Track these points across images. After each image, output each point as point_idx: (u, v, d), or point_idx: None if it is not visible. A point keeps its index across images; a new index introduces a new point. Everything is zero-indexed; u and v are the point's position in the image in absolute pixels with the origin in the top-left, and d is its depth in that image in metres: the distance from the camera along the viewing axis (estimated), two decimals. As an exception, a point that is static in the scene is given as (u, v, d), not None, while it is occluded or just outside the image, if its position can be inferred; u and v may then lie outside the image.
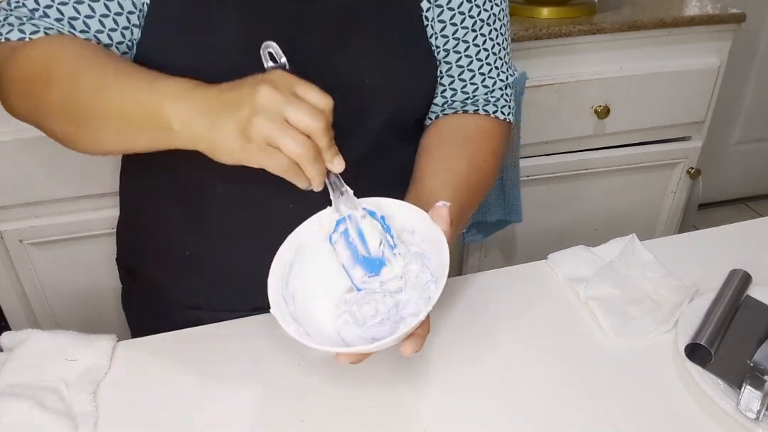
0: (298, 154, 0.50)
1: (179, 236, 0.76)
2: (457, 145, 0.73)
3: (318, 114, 0.50)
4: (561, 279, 0.78)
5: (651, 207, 1.67)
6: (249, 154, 0.51)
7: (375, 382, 0.64)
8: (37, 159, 1.19)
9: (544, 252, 0.82)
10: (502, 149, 0.77)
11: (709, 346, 0.63)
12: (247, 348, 0.69)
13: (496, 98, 0.76)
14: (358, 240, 0.58)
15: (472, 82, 0.75)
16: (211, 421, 0.60)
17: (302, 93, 0.50)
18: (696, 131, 1.58)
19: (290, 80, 0.51)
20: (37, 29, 0.60)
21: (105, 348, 0.67)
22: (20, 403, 0.58)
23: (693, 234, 0.89)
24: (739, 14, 1.42)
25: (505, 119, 0.77)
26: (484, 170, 0.73)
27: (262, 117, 0.49)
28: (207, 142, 0.52)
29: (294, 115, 0.49)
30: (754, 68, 2.05)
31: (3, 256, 1.28)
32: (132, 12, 0.63)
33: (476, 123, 0.75)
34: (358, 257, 0.58)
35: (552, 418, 0.60)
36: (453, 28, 0.72)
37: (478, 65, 0.75)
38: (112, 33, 0.63)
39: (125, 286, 0.87)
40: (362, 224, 0.57)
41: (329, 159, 0.53)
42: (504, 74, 0.77)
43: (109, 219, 1.28)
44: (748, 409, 0.58)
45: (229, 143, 0.51)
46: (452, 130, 0.75)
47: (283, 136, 0.49)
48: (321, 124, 0.50)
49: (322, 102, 0.51)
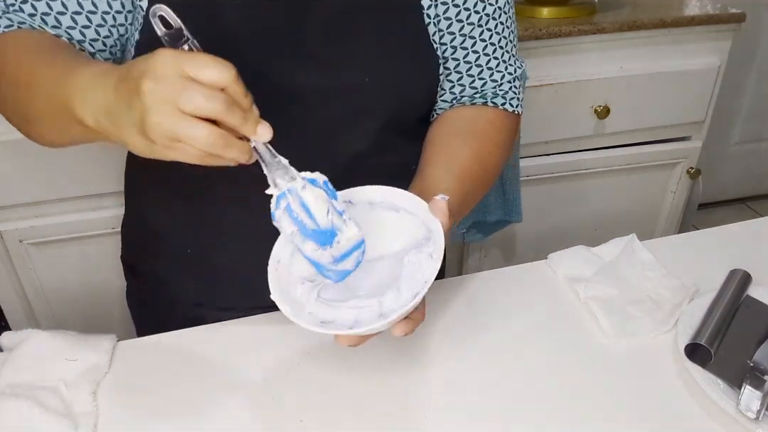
0: (206, 144, 0.44)
1: (181, 234, 0.76)
2: (462, 136, 0.73)
3: (213, 94, 0.44)
4: (561, 279, 0.78)
5: (651, 207, 1.67)
6: (157, 153, 0.46)
7: (375, 382, 0.64)
8: (37, 159, 1.19)
9: (544, 252, 0.82)
10: (508, 142, 0.78)
11: (709, 346, 0.63)
12: (247, 348, 0.69)
13: (505, 91, 0.77)
14: (304, 213, 0.53)
15: (480, 77, 0.75)
16: (211, 421, 0.60)
17: (193, 72, 0.44)
18: (696, 131, 1.58)
19: (177, 62, 0.44)
20: (11, 23, 0.60)
21: (105, 348, 0.67)
22: (20, 403, 0.58)
23: (693, 234, 0.89)
24: (739, 14, 1.43)
25: (513, 111, 0.77)
26: (488, 162, 0.73)
27: (153, 116, 0.43)
28: (120, 141, 0.48)
29: (186, 104, 0.43)
30: (754, 68, 2.05)
31: (3, 256, 1.28)
32: (107, 12, 0.62)
33: (483, 115, 0.76)
34: (308, 232, 0.53)
35: (552, 418, 0.60)
36: (459, 25, 0.72)
37: (485, 60, 0.75)
38: (85, 30, 0.62)
39: (129, 283, 0.87)
40: (305, 195, 0.52)
41: (250, 131, 0.47)
42: (512, 67, 0.77)
43: (109, 219, 1.28)
44: (748, 409, 0.58)
45: (136, 144, 0.47)
46: (458, 121, 0.75)
47: (182, 129, 0.44)
48: (220, 105, 0.44)
49: (219, 76, 0.44)
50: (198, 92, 0.43)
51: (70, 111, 0.50)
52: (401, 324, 0.54)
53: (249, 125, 0.46)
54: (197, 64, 0.44)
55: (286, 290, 0.56)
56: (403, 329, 0.54)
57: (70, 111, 0.50)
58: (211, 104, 0.44)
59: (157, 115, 0.43)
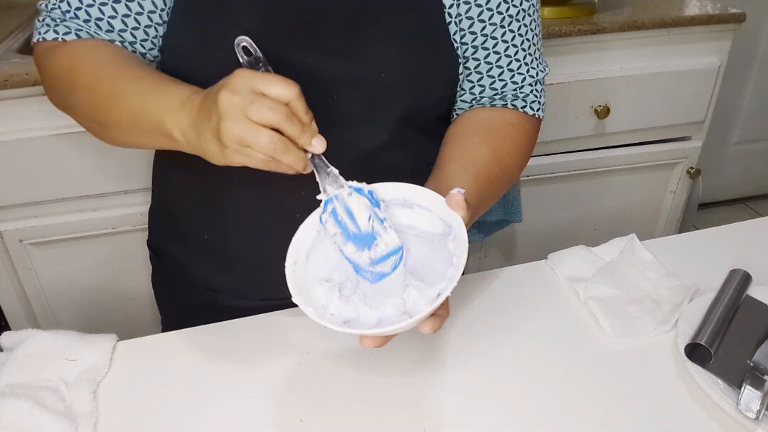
0: (268, 148, 0.52)
1: (199, 220, 0.78)
2: (480, 136, 0.73)
3: (277, 107, 0.52)
4: (561, 279, 0.78)
5: (651, 207, 1.67)
6: (228, 157, 0.54)
7: (375, 381, 0.64)
8: (37, 159, 1.19)
9: (544, 252, 0.82)
10: (528, 144, 0.77)
11: (709, 346, 0.63)
12: (247, 348, 0.69)
13: (525, 94, 0.76)
14: (347, 218, 0.58)
15: (500, 78, 0.75)
16: (211, 421, 0.60)
17: (263, 88, 0.52)
18: (696, 131, 1.58)
19: (251, 78, 0.52)
20: (68, 30, 0.66)
21: (105, 348, 0.67)
22: (20, 403, 0.58)
23: (693, 234, 0.89)
24: (739, 14, 1.43)
25: (533, 115, 0.77)
26: (506, 162, 0.73)
27: (226, 122, 0.52)
28: (199, 149, 0.57)
29: (254, 114, 0.51)
30: (754, 68, 2.05)
31: (3, 256, 1.28)
32: (153, 11, 0.67)
33: (503, 116, 0.75)
34: (349, 234, 0.58)
35: (552, 418, 0.60)
36: (481, 25, 0.72)
37: (506, 61, 0.74)
38: (135, 31, 0.68)
39: (154, 266, 0.91)
40: (349, 202, 0.57)
41: (306, 143, 0.54)
42: (534, 70, 0.77)
43: (109, 219, 1.28)
44: (748, 409, 0.58)
45: (212, 150, 0.55)
46: (477, 121, 0.75)
47: (250, 135, 0.52)
48: (281, 116, 0.52)
49: (284, 92, 0.52)
50: (264, 104, 0.51)
51: (159, 126, 0.59)
52: (429, 321, 0.54)
53: (306, 136, 0.54)
54: (266, 81, 0.52)
55: (306, 292, 0.56)
56: (431, 326, 0.54)
57: (159, 126, 0.59)
58: (274, 114, 0.51)
59: (229, 121, 0.51)
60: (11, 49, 1.25)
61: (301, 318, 0.72)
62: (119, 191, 1.27)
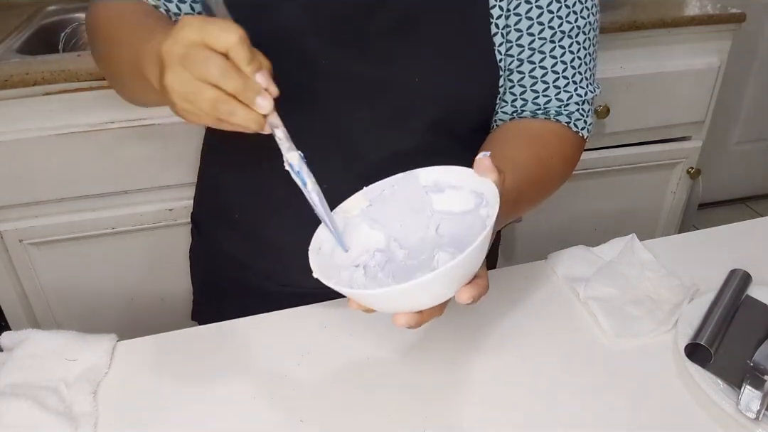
0: (211, 108, 0.46)
1: (234, 199, 0.79)
2: (523, 138, 0.71)
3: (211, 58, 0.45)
4: (561, 279, 0.78)
5: (651, 207, 1.67)
6: (183, 116, 0.49)
7: (374, 382, 0.64)
8: (37, 159, 1.19)
9: (544, 252, 0.82)
10: (573, 155, 0.75)
11: (709, 346, 0.63)
12: (248, 348, 0.69)
13: (570, 111, 0.73)
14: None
15: (544, 93, 0.73)
16: (211, 421, 0.60)
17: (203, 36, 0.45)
18: (696, 131, 1.59)
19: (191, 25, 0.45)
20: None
21: (105, 348, 0.67)
22: (20, 403, 0.58)
23: (693, 234, 0.89)
24: (739, 14, 1.43)
25: (577, 132, 0.74)
26: (549, 167, 0.70)
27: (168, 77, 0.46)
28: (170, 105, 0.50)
29: (192, 68, 0.45)
30: (754, 68, 2.05)
31: (3, 256, 1.28)
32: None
33: (547, 125, 0.73)
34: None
35: (552, 418, 0.60)
36: (530, 38, 0.70)
37: (553, 77, 0.72)
38: (181, 4, 0.67)
39: (193, 239, 0.92)
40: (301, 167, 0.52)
41: (249, 100, 0.47)
42: (582, 89, 0.74)
43: (109, 219, 1.29)
44: (748, 409, 0.58)
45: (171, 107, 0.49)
46: (521, 128, 0.73)
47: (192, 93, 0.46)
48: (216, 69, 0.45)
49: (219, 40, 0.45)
50: (198, 56, 0.45)
51: (144, 75, 0.52)
52: (467, 289, 0.50)
53: (248, 93, 0.46)
54: (204, 27, 0.45)
55: (328, 273, 0.54)
56: (470, 293, 0.50)
57: (144, 75, 0.52)
58: (208, 69, 0.45)
59: (171, 76, 0.46)
60: (11, 49, 1.25)
61: (301, 318, 0.72)
62: (119, 191, 1.28)
